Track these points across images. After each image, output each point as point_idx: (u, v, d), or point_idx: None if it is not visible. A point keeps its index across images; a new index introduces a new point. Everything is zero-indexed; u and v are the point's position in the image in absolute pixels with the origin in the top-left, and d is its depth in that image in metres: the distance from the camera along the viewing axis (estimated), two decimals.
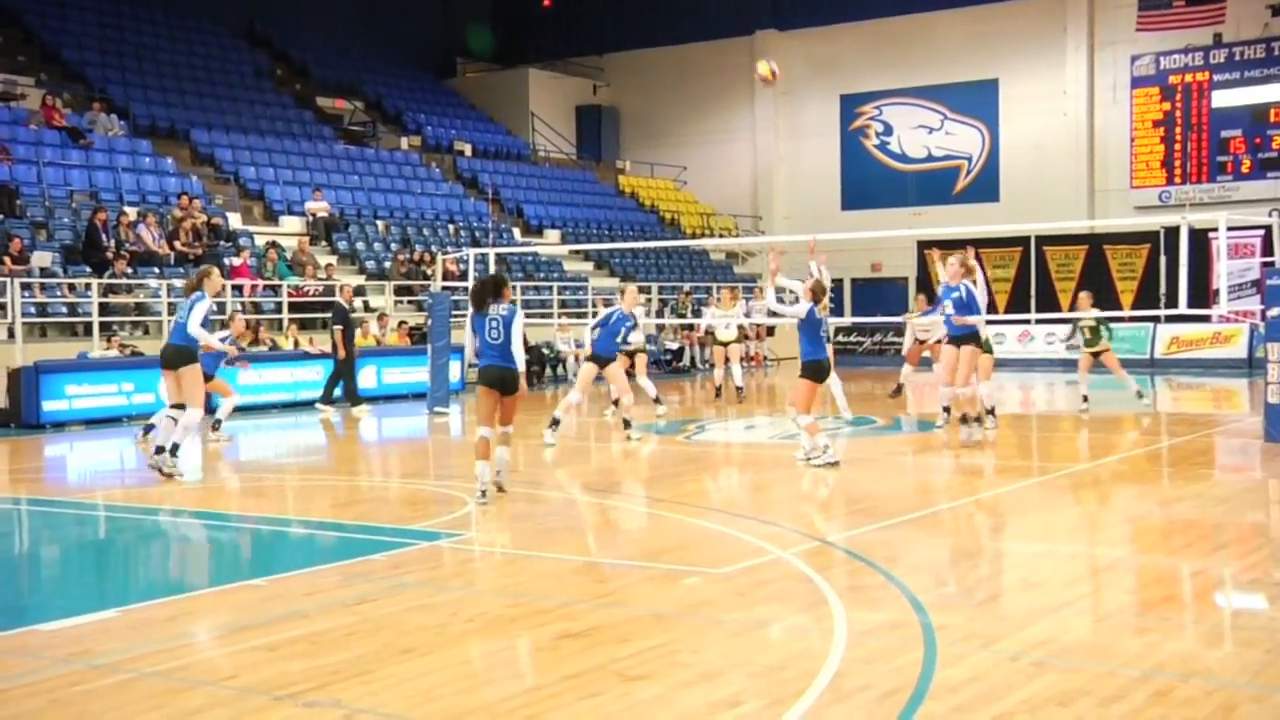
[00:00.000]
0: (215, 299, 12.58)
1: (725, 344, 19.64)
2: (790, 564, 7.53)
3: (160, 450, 11.57)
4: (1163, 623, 6.24)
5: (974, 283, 13.49)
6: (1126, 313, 25.72)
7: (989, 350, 14.22)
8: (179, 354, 11.74)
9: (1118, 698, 4.96)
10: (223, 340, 13.87)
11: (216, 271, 12.35)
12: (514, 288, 25.36)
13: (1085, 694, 5.02)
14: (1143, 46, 31.89)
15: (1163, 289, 25.73)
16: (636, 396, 15.37)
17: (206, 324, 11.84)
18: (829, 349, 12.22)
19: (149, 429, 12.92)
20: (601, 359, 14.06)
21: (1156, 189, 31.73)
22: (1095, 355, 16.73)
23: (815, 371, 11.74)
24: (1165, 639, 5.88)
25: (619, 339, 14.23)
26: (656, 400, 16.58)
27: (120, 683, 5.39)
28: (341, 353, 18.20)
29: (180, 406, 11.70)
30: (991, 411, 14.03)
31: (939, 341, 15.27)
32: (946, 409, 14.15)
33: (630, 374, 15.90)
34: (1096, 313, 16.94)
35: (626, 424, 14.33)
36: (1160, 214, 29.47)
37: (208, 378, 13.37)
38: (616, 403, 15.23)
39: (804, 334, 11.80)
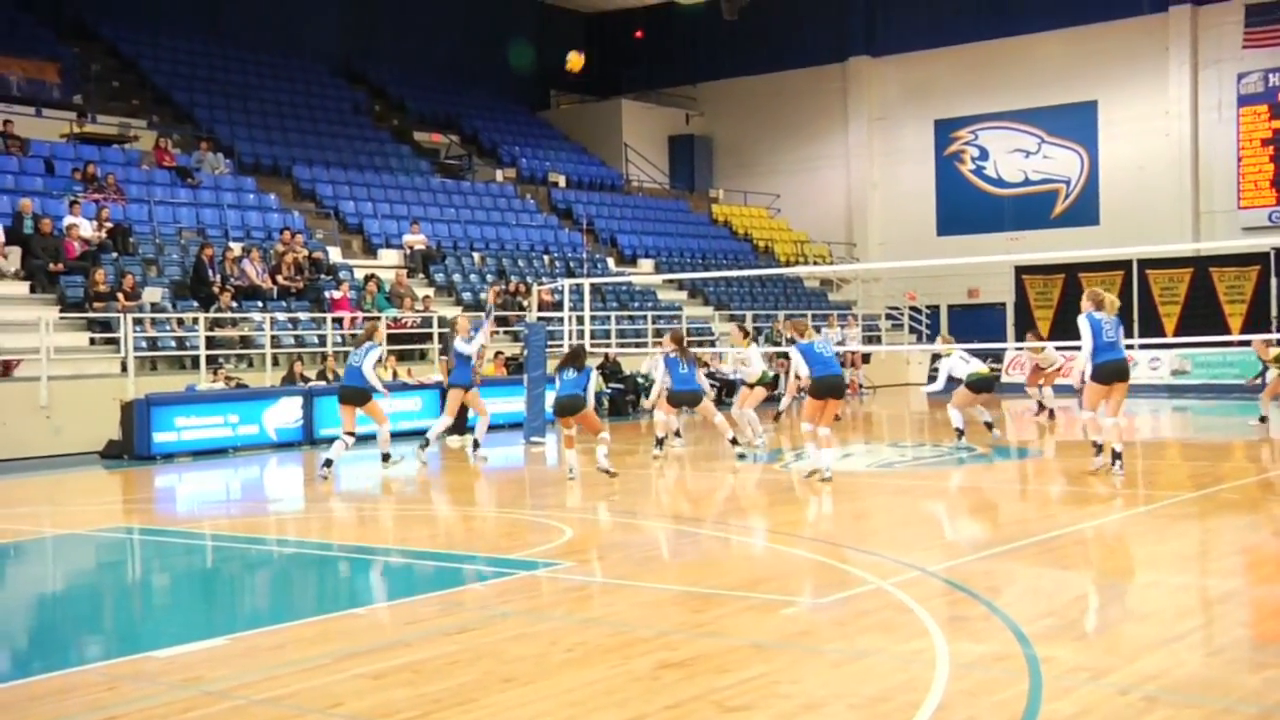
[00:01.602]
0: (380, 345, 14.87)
1: (752, 386, 16.63)
2: (890, 594, 7.44)
3: (386, 458, 14.62)
4: None
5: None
6: (1236, 336, 25.05)
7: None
8: (358, 393, 14.34)
9: None
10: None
11: (382, 323, 15.84)
12: (610, 317, 25.56)
13: None
14: (1250, 64, 31.15)
15: (1274, 311, 25.01)
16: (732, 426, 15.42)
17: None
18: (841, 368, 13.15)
19: (328, 463, 14.20)
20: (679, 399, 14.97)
21: (1266, 209, 30.91)
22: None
23: (814, 390, 12.93)
24: None
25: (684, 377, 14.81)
26: (733, 441, 16.13)
27: (232, 709, 5.51)
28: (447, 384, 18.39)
29: (351, 434, 14.38)
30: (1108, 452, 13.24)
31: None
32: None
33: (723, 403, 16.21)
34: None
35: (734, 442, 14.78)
36: (1270, 235, 28.73)
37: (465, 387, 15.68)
38: (660, 441, 15.37)
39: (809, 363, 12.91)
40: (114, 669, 6.33)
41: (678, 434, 16.54)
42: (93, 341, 19.01)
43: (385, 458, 14.72)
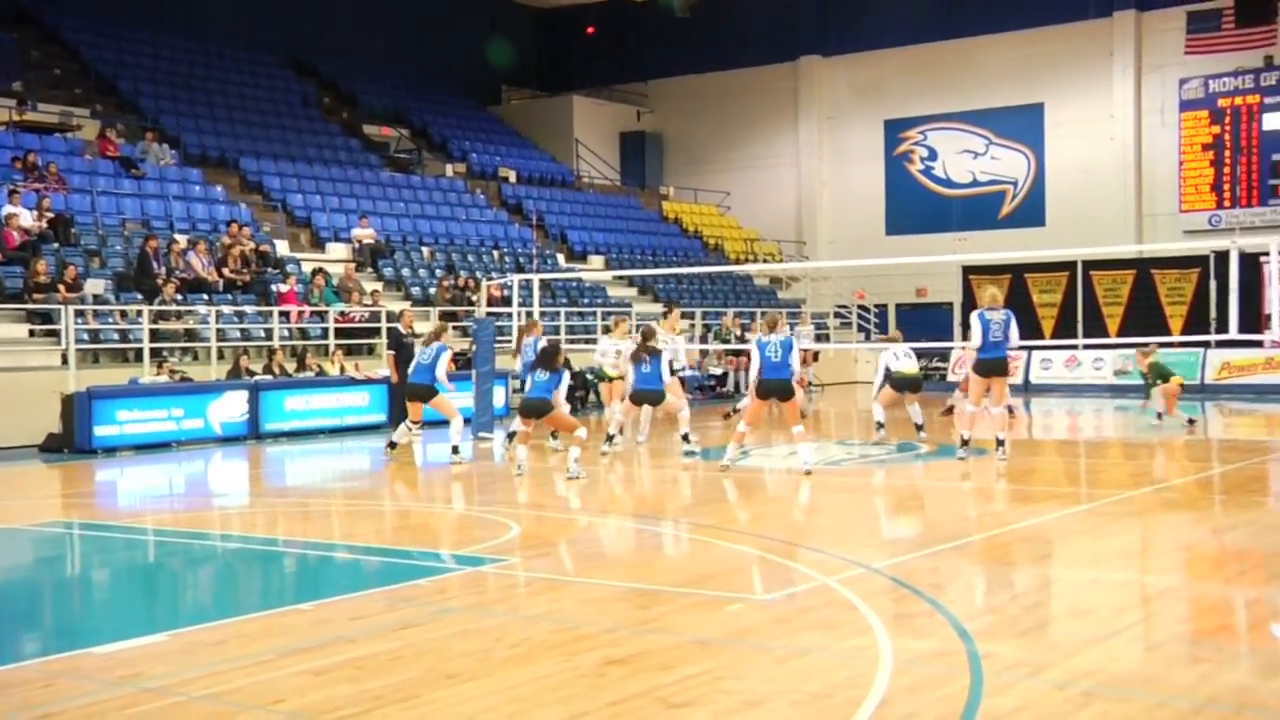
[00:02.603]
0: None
1: (611, 380, 16.81)
2: (835, 591, 7.49)
3: (456, 449, 14.89)
4: (1216, 653, 6.15)
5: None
6: (1176, 338, 25.43)
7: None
8: (428, 390, 15.01)
9: None
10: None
11: (451, 328, 15.99)
12: (559, 313, 25.53)
13: None
14: (1192, 70, 31.63)
15: (1213, 314, 25.42)
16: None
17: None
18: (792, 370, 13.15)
19: (393, 444, 15.33)
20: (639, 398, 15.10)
21: (1206, 213, 31.41)
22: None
23: (756, 390, 13.28)
24: (1219, 670, 5.80)
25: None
26: (685, 438, 16.26)
27: (171, 705, 5.45)
28: (394, 378, 18.33)
29: (418, 423, 15.19)
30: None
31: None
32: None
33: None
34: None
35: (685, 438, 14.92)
36: (1210, 238, 29.13)
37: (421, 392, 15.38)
38: (611, 438, 15.44)
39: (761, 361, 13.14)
40: (50, 666, 6.24)
41: (620, 432, 16.50)
42: (33, 333, 18.70)
43: (455, 449, 14.96)
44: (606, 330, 20.87)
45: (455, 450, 14.88)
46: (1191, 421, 17.65)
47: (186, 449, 17.09)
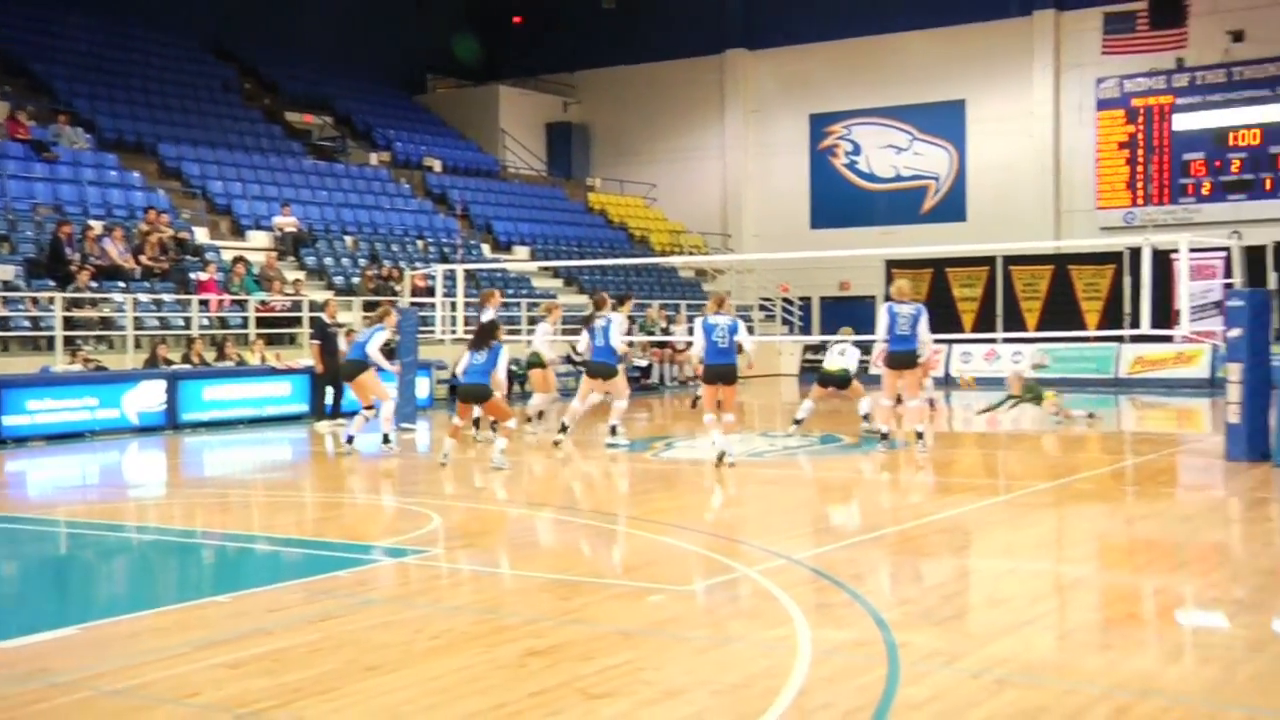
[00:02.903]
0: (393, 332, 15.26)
1: (545, 366, 16.43)
2: (756, 581, 7.55)
3: (387, 439, 14.46)
4: (1124, 640, 6.30)
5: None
6: (1092, 333, 25.94)
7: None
8: (354, 367, 14.76)
9: (1077, 715, 5.00)
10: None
11: (395, 311, 15.59)
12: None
13: (1046, 711, 5.05)
14: (1108, 69, 32.24)
15: (1127, 309, 25.96)
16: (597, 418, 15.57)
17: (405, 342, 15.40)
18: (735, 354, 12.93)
19: (350, 439, 14.73)
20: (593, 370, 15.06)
21: (1121, 210, 32.07)
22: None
23: (703, 375, 13.15)
24: (1126, 656, 5.93)
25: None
26: (529, 419, 16.44)
27: (80, 701, 5.35)
28: (319, 368, 18.11)
29: (371, 406, 14.78)
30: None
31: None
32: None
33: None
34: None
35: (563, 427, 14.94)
36: (1125, 235, 29.76)
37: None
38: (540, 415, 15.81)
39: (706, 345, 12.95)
40: None
41: (537, 417, 16.46)
42: None
43: (386, 439, 14.59)
44: (534, 321, 20.87)
45: (386, 440, 14.57)
46: (1091, 415, 18.01)
47: (101, 439, 16.76)
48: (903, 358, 13.43)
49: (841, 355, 16.09)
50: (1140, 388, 25.27)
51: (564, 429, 14.89)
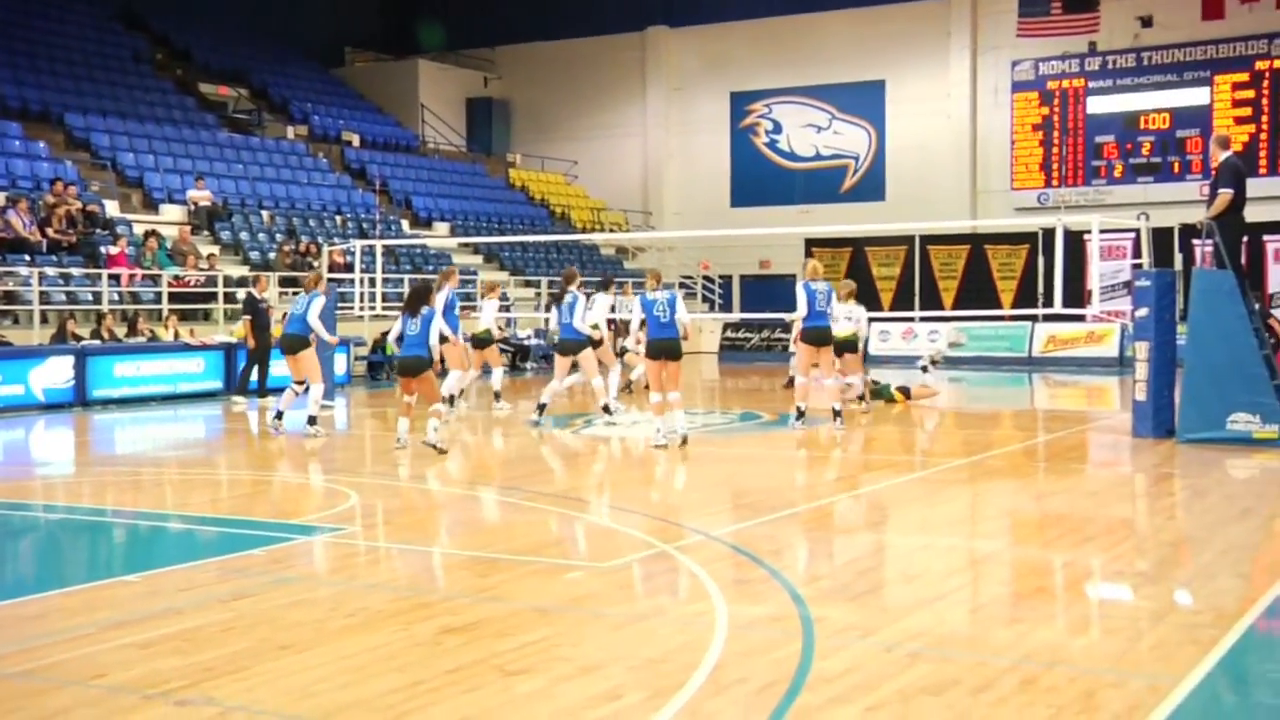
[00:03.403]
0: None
1: (491, 343, 16.91)
2: (674, 558, 7.58)
3: (313, 420, 13.75)
4: (1033, 613, 6.42)
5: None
6: (1006, 311, 26.38)
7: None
8: (297, 340, 13.85)
9: (987, 686, 5.10)
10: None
11: (326, 278, 14.78)
12: (403, 280, 25.11)
13: (957, 683, 5.14)
14: (1023, 52, 32.71)
15: (1040, 289, 26.42)
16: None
17: (325, 317, 13.93)
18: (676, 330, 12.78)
19: (279, 415, 14.21)
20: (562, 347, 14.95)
21: (1035, 191, 32.62)
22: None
23: (647, 351, 12.90)
24: (1035, 629, 6.05)
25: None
26: (496, 396, 16.65)
27: None
28: (251, 343, 17.83)
29: (302, 382, 14.08)
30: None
31: None
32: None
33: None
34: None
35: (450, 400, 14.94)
36: (1039, 215, 30.28)
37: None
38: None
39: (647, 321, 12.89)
40: None
41: (458, 396, 16.38)
42: None
43: (312, 420, 13.87)
44: (471, 300, 20.75)
45: (312, 421, 13.91)
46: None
47: (5, 416, 16.35)
48: (819, 333, 13.83)
49: (849, 321, 15.42)
50: (1053, 366, 25.75)
51: (541, 408, 14.81)
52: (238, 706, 4.88)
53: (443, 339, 13.67)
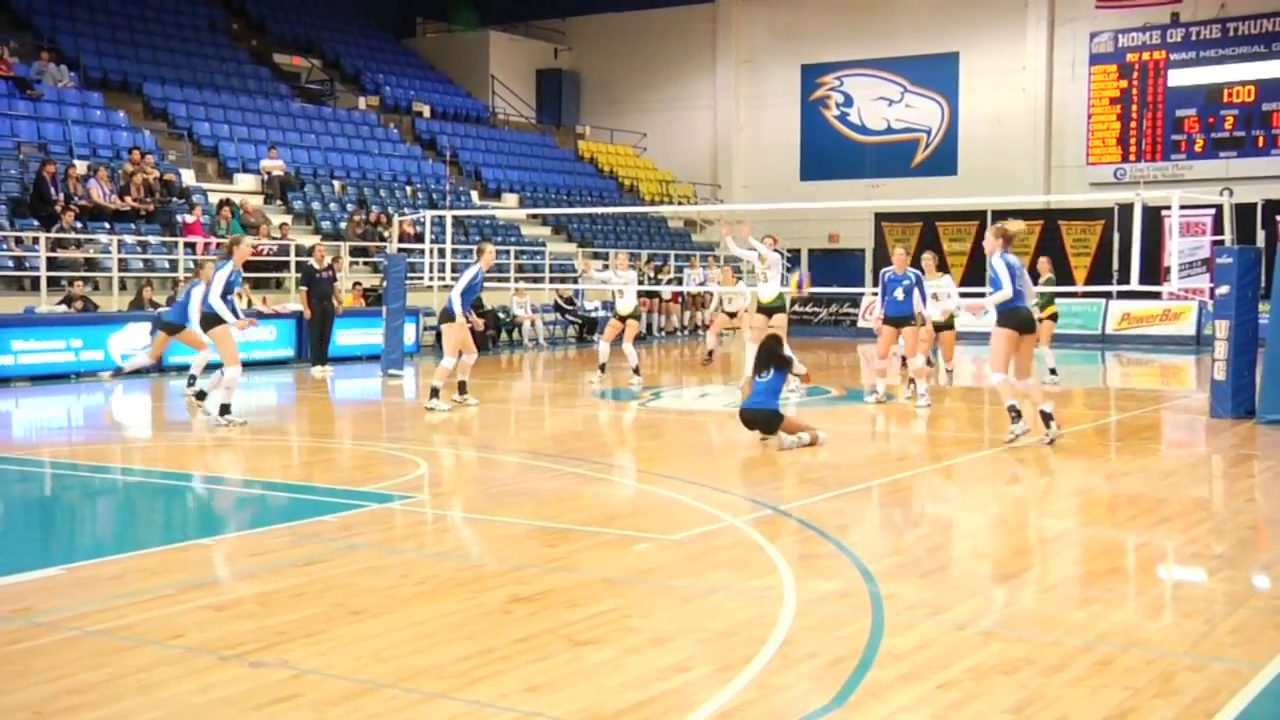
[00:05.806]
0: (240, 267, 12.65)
1: (623, 318, 16.70)
2: (742, 531, 7.56)
3: (226, 411, 12.21)
4: (1106, 594, 6.33)
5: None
6: (1080, 288, 25.95)
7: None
8: (206, 318, 12.33)
9: (1060, 667, 5.03)
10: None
11: (247, 241, 12.98)
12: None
13: (1029, 663, 5.08)
14: (1102, 24, 32.05)
15: (1115, 265, 25.94)
16: (617, 362, 15.67)
17: (230, 288, 12.24)
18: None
19: (192, 380, 13.85)
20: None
21: (1112, 166, 32.01)
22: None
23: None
24: (1108, 610, 5.96)
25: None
26: (635, 370, 16.48)
27: (63, 640, 5.34)
28: (306, 313, 18.07)
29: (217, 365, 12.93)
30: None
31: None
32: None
33: (618, 339, 16.75)
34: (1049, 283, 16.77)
35: (434, 392, 13.48)
36: (1115, 191, 29.69)
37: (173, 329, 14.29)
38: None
39: None
40: None
41: (636, 370, 16.43)
42: None
43: (224, 409, 12.32)
44: (522, 271, 20.70)
45: (224, 410, 12.23)
46: (1053, 372, 17.04)
47: (85, 381, 16.69)
48: (1023, 318, 12.96)
49: (947, 299, 14.98)
50: (1126, 344, 25.32)
51: (636, 370, 16.13)
52: (311, 670, 4.95)
53: (450, 318, 13.24)
